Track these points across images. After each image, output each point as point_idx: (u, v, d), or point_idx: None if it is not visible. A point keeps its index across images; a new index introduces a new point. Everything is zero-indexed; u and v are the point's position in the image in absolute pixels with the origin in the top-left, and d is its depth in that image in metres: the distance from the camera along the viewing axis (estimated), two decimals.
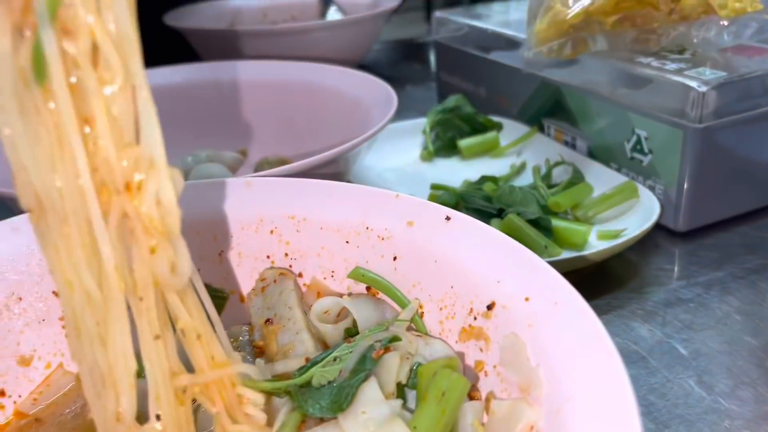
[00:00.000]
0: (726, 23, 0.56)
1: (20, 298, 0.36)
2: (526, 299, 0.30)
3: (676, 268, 0.51)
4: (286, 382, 0.31)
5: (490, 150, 0.70)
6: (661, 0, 0.56)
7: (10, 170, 0.24)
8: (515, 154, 0.69)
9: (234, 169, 0.67)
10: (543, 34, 0.58)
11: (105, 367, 0.25)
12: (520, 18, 0.76)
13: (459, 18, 0.79)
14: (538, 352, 0.28)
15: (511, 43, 0.70)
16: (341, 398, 0.29)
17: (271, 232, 0.40)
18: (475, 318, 0.32)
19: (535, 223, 0.51)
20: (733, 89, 0.51)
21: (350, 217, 0.38)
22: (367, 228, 0.38)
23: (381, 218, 0.37)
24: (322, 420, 0.30)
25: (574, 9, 0.56)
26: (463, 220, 0.35)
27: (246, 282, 0.40)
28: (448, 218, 0.36)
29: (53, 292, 0.37)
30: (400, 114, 0.91)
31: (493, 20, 0.77)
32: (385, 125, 0.52)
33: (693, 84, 0.50)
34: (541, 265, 0.31)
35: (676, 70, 0.53)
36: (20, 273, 0.36)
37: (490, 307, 0.31)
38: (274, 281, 0.38)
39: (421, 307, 0.35)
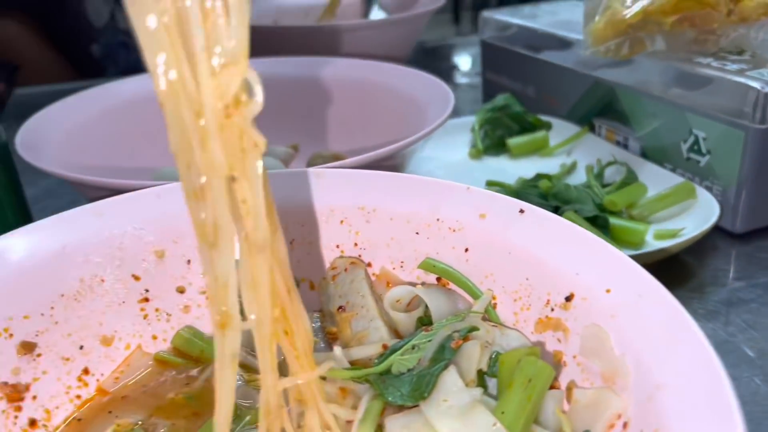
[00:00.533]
0: None
1: (102, 280, 0.37)
2: (608, 291, 0.30)
3: (733, 269, 0.51)
4: (367, 370, 0.31)
5: (540, 149, 0.70)
6: (721, 1, 0.55)
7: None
8: (565, 153, 0.69)
9: (286, 162, 0.68)
10: (600, 33, 0.58)
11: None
12: (569, 18, 0.76)
13: (508, 18, 0.79)
14: (622, 342, 0.28)
15: (563, 43, 0.70)
16: (422, 386, 0.29)
17: (341, 222, 0.40)
18: (552, 309, 0.33)
19: (592, 221, 0.52)
20: None
21: (420, 208, 0.39)
22: (438, 219, 0.38)
23: (452, 210, 0.38)
24: (401, 408, 0.30)
25: (633, 9, 0.56)
26: (537, 212, 0.35)
27: (316, 271, 0.40)
28: (521, 211, 0.36)
29: (132, 276, 0.38)
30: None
31: (542, 20, 0.78)
32: (444, 122, 0.52)
33: (756, 85, 0.50)
34: (622, 257, 0.31)
35: (736, 70, 0.53)
36: (103, 256, 0.37)
37: (569, 299, 0.32)
38: (345, 270, 0.39)
39: (494, 298, 0.36)
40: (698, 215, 0.52)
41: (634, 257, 0.48)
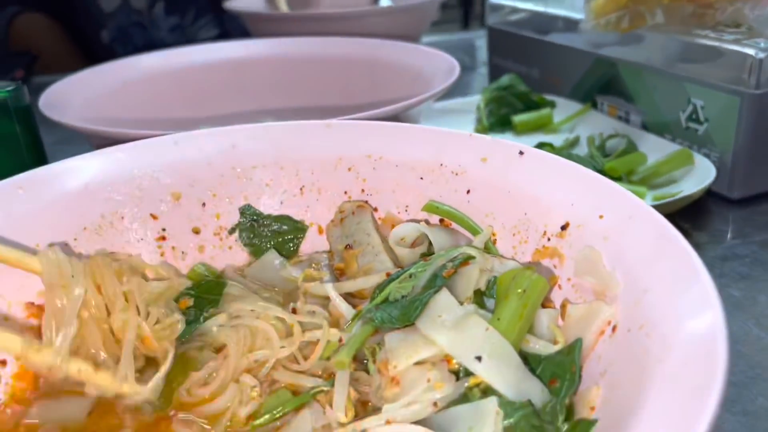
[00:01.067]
0: None
1: (123, 217, 0.39)
2: (600, 217, 0.32)
3: (730, 230, 0.52)
4: (366, 307, 0.33)
5: (544, 126, 0.72)
6: None
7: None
8: (568, 130, 0.70)
9: None
10: (601, 8, 0.60)
11: None
12: (572, 2, 0.78)
13: (514, 2, 0.81)
14: (613, 259, 0.30)
15: (567, 24, 0.72)
16: (411, 310, 0.30)
17: (349, 169, 0.42)
18: (549, 239, 0.34)
19: None
20: None
21: (424, 155, 0.41)
22: (441, 165, 0.40)
23: (455, 155, 0.40)
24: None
25: None
26: (535, 153, 0.37)
27: (324, 215, 0.42)
28: (521, 153, 0.38)
29: (150, 215, 0.40)
30: (452, 96, 0.93)
31: (546, 3, 0.80)
32: (449, 87, 0.54)
33: (750, 51, 0.52)
34: (614, 186, 0.33)
35: (732, 40, 0.55)
36: (123, 195, 0.39)
37: (564, 227, 0.33)
38: (353, 213, 0.41)
39: (493, 234, 0.37)
40: (696, 179, 0.54)
41: None
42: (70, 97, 0.58)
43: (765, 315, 0.42)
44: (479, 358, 0.27)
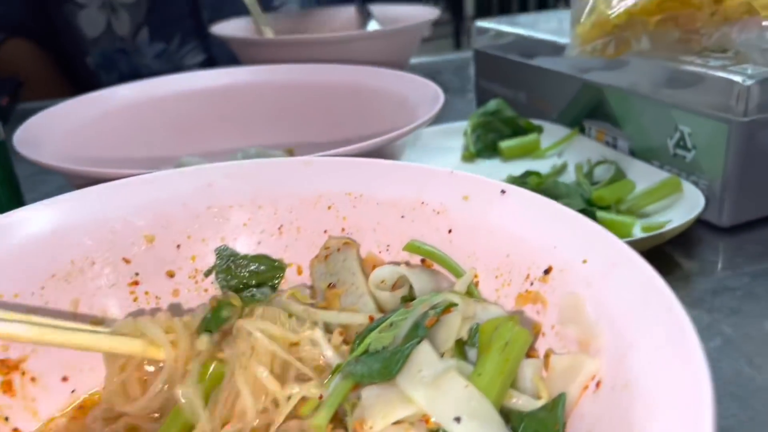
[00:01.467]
0: None
1: (93, 263, 0.38)
2: (584, 261, 0.31)
3: (720, 260, 0.52)
4: (347, 359, 0.31)
5: (531, 151, 0.71)
6: (704, 1, 0.57)
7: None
8: (556, 155, 0.70)
9: None
10: (587, 35, 0.59)
11: None
12: (559, 26, 0.77)
13: (500, 26, 0.81)
14: (598, 308, 0.29)
15: (554, 48, 0.71)
16: (392, 364, 0.29)
17: (329, 207, 0.41)
18: (531, 283, 0.33)
19: (581, 212, 0.52)
20: None
21: (406, 193, 0.40)
22: (423, 203, 0.39)
23: (436, 193, 0.39)
24: None
25: (617, 9, 0.57)
26: (518, 192, 0.36)
27: (304, 255, 0.41)
28: (503, 191, 0.37)
29: (123, 259, 0.39)
30: (441, 120, 0.93)
31: (534, 28, 0.79)
32: (432, 117, 0.53)
33: (737, 78, 0.51)
34: (598, 229, 0.32)
35: (719, 66, 0.54)
36: (94, 239, 0.38)
37: (547, 272, 0.32)
38: (338, 249, 0.40)
39: (476, 276, 0.36)
40: (684, 208, 0.53)
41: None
42: (48, 131, 0.57)
43: (758, 353, 0.41)
44: (458, 419, 0.26)
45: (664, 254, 0.52)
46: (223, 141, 0.70)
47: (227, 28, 1.03)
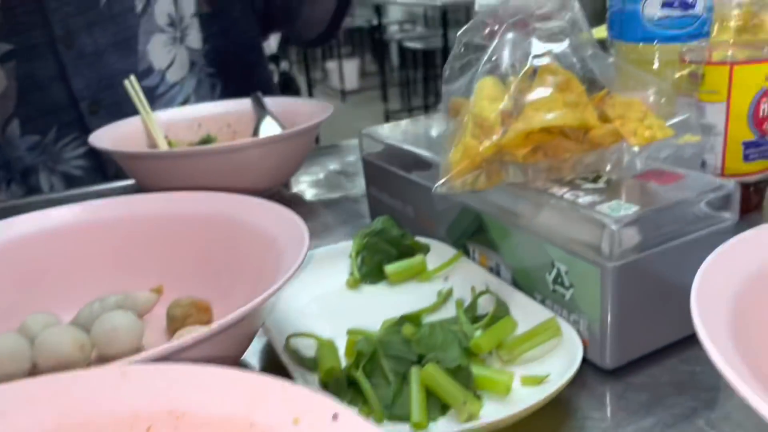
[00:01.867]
0: (638, 150, 0.56)
1: None
2: None
3: (608, 414, 0.49)
4: None
5: (417, 274, 0.68)
6: (571, 131, 0.55)
7: None
8: (443, 278, 0.67)
9: (145, 310, 0.64)
10: (456, 166, 0.57)
11: None
12: (436, 142, 0.75)
13: (381, 135, 0.78)
14: None
15: (431, 165, 0.69)
16: None
17: (148, 430, 0.36)
18: None
19: (454, 372, 0.49)
20: (647, 223, 0.50)
21: (234, 411, 0.35)
22: (252, 425, 0.34)
23: (266, 413, 0.34)
24: None
25: (485, 143, 0.55)
26: (350, 419, 0.32)
27: None
28: (335, 416, 0.32)
29: None
30: (334, 230, 0.89)
31: (418, 137, 0.77)
32: (290, 278, 0.49)
33: (606, 221, 0.49)
34: None
35: (588, 203, 0.52)
36: None
37: None
38: None
39: None
40: (564, 357, 0.50)
41: (500, 421, 0.45)
42: None
43: None
44: None
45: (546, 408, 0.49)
46: (80, 287, 0.64)
47: (108, 137, 0.97)
